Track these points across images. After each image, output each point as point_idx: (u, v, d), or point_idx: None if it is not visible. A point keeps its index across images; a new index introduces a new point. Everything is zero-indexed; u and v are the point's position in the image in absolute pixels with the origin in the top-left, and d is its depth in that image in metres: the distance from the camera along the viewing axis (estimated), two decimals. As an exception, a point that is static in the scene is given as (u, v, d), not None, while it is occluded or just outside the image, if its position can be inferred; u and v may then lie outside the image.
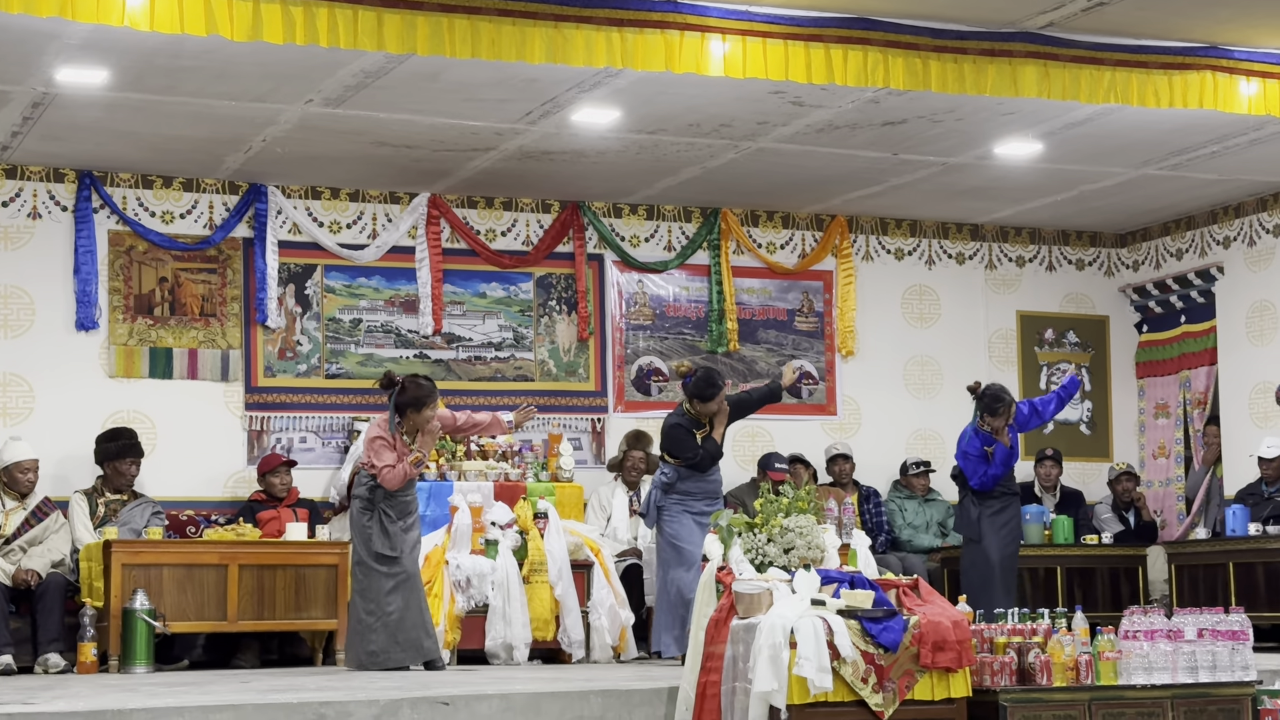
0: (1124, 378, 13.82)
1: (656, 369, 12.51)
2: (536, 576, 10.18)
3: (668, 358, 12.52)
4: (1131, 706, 7.27)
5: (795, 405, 12.84)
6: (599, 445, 12.23)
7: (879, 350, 13.06)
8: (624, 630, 10.37)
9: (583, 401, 12.28)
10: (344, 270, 11.88)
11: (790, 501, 7.62)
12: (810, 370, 9.93)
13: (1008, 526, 10.36)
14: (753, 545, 7.49)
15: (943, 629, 7.00)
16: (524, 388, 12.16)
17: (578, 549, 10.43)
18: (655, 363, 12.51)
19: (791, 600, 7.04)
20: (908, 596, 7.32)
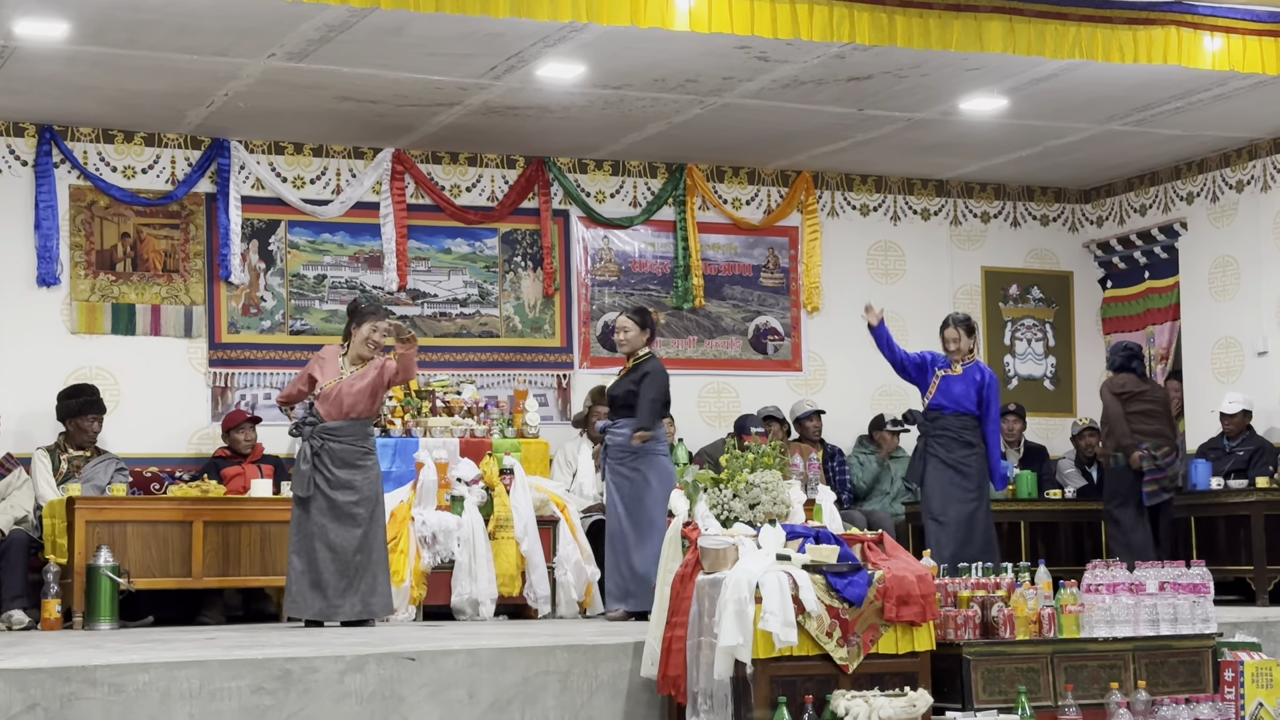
0: (1088, 334, 13.88)
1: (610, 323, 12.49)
2: (502, 532, 10.18)
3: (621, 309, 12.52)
4: (1093, 659, 7.32)
5: (761, 361, 12.86)
6: (565, 401, 12.23)
7: (844, 306, 13.07)
8: (590, 586, 10.38)
9: (548, 358, 12.27)
10: (308, 226, 11.82)
11: (756, 457, 7.64)
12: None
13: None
14: (718, 501, 7.51)
15: (907, 583, 7.03)
16: (489, 344, 12.14)
17: (543, 505, 10.43)
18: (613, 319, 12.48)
19: (757, 555, 7.06)
20: (872, 551, 7.35)
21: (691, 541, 7.31)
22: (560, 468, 11.53)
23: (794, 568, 6.96)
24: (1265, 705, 7.49)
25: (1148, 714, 7.23)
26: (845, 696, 6.73)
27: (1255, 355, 12.44)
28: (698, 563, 7.17)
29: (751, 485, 7.53)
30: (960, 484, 10.06)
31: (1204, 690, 7.44)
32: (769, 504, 7.51)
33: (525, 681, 7.04)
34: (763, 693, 6.75)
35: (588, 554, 10.45)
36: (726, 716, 6.85)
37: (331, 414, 9.18)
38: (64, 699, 6.31)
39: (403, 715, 6.82)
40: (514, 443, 10.77)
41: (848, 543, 7.32)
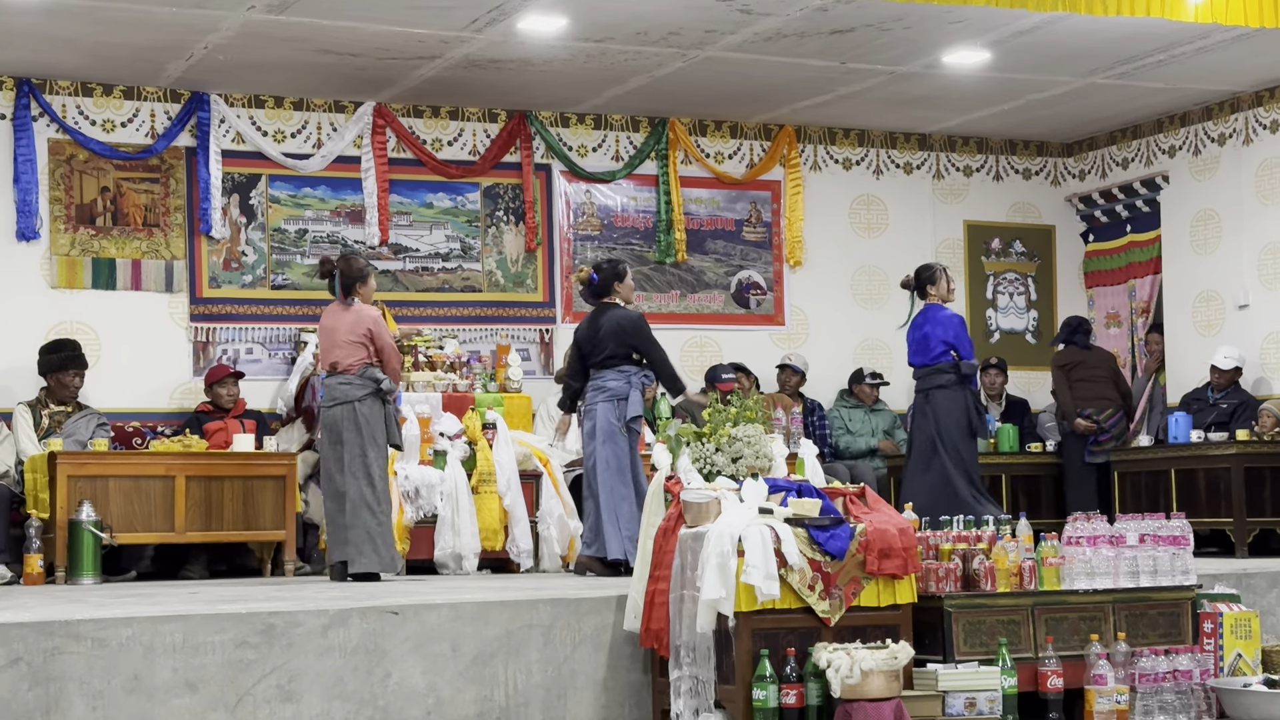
0: (1070, 287, 13.89)
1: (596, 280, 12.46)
2: (485, 487, 10.19)
3: (602, 259, 12.51)
4: (1074, 611, 7.34)
5: (743, 315, 12.85)
6: (547, 356, 12.22)
7: (826, 260, 13.06)
8: (572, 540, 10.39)
9: (531, 312, 12.25)
10: (289, 180, 11.76)
11: (738, 411, 7.64)
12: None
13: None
14: (701, 455, 7.51)
15: (889, 536, 7.04)
16: (471, 298, 12.11)
17: (526, 459, 10.44)
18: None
19: (739, 509, 7.07)
20: (854, 504, 7.35)
21: (674, 495, 7.31)
22: (543, 422, 11.52)
23: (776, 521, 6.96)
24: (1244, 656, 7.53)
25: (1127, 665, 7.26)
26: (827, 649, 6.74)
27: (1236, 309, 12.47)
28: (680, 517, 7.18)
29: (734, 439, 7.52)
30: (931, 421, 10.26)
31: (1183, 642, 7.47)
32: (752, 458, 7.50)
33: (508, 635, 7.06)
34: (745, 646, 6.76)
35: (570, 508, 10.46)
36: (709, 669, 6.86)
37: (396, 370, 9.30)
38: (47, 653, 6.31)
39: (386, 669, 6.82)
40: (496, 397, 10.77)
41: (830, 496, 7.31)
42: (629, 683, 7.23)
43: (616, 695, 7.21)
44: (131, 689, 6.40)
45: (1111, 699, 7.15)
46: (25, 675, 6.26)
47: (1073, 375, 12.04)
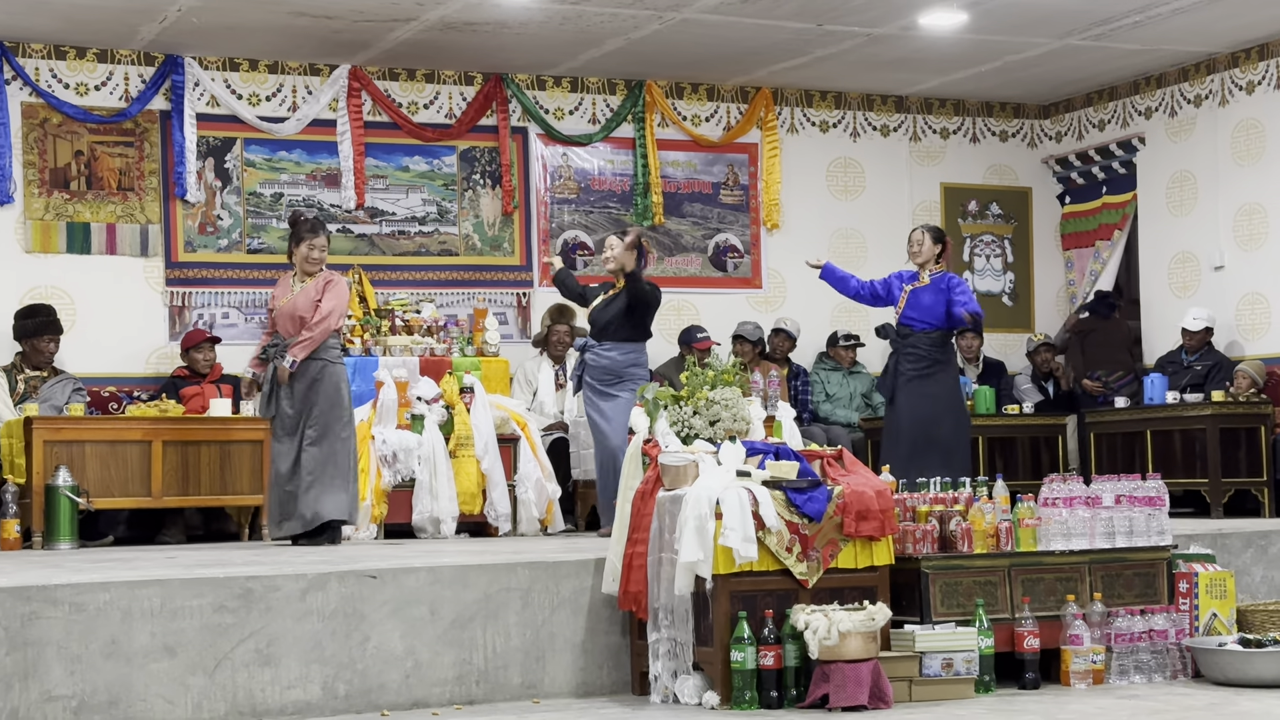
0: (1046, 249, 13.90)
1: (582, 243, 12.47)
2: (463, 451, 10.19)
3: (594, 232, 12.47)
4: (1050, 571, 7.38)
5: (720, 278, 12.86)
6: (524, 320, 12.21)
7: (804, 223, 13.06)
8: (550, 504, 10.42)
9: (508, 276, 12.23)
10: (264, 144, 11.71)
11: (716, 374, 7.65)
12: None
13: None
14: (678, 418, 7.52)
15: (866, 498, 7.06)
16: (448, 262, 12.08)
17: (504, 423, 10.44)
18: (580, 237, 12.47)
19: (717, 472, 7.08)
20: (832, 467, 7.37)
21: (652, 459, 7.31)
22: (520, 386, 11.54)
23: (754, 484, 6.98)
24: (1219, 616, 7.58)
25: (1103, 625, 7.30)
26: (805, 611, 6.77)
27: (1212, 270, 12.50)
28: (658, 479, 7.19)
29: (712, 402, 7.52)
30: (932, 402, 10.04)
31: (1159, 602, 7.52)
32: (729, 421, 7.51)
33: (486, 599, 7.07)
34: (723, 608, 6.78)
35: (548, 472, 10.48)
36: (687, 632, 6.88)
37: (289, 330, 9.14)
38: (24, 618, 6.29)
39: (364, 633, 6.83)
40: (474, 361, 10.77)
41: (807, 459, 7.33)
42: (607, 645, 7.25)
43: (595, 658, 7.23)
44: (109, 653, 6.39)
45: (1087, 659, 7.20)
46: (3, 640, 6.25)
47: (1087, 341, 12.67)
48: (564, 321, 11.66)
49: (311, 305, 9.09)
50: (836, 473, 7.32)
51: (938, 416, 9.99)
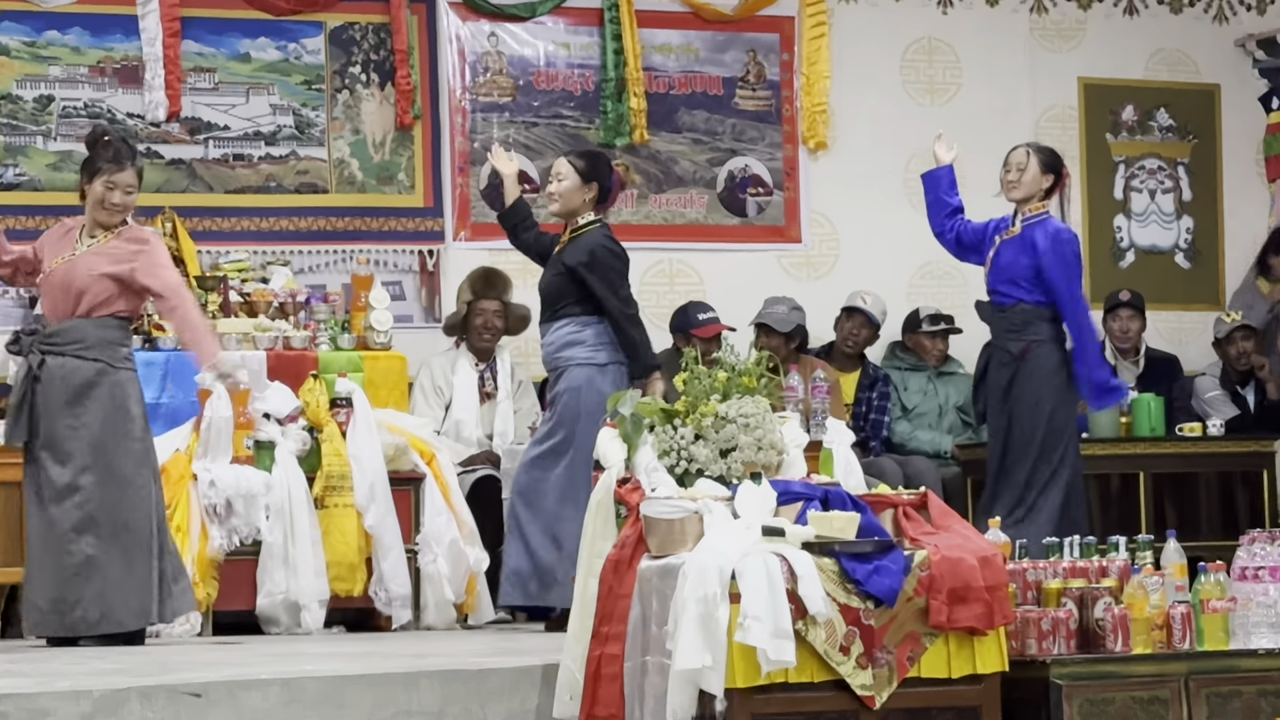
0: (1243, 180, 13.92)
1: (522, 173, 12.43)
2: (336, 497, 10.19)
3: (540, 156, 12.46)
4: (1250, 682, 7.41)
5: (737, 227, 12.89)
6: (431, 293, 12.27)
7: (866, 142, 13.12)
8: (473, 580, 10.42)
9: (405, 225, 12.28)
10: (25, 19, 11.72)
11: (729, 377, 7.68)
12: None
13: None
14: (672, 445, 7.55)
15: (965, 570, 7.09)
16: (312, 203, 12.10)
17: (400, 454, 10.44)
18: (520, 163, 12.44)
19: (732, 529, 7.10)
20: (912, 521, 7.41)
21: (630, 508, 7.35)
22: (426, 396, 11.61)
23: (790, 547, 6.99)
24: None
25: (1334, 765, 7.33)
26: (871, 745, 6.81)
27: None
28: (640, 541, 7.22)
29: (724, 420, 7.55)
30: (1021, 415, 10.24)
31: None
32: (751, 449, 7.54)
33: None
34: (743, 740, 6.80)
35: (470, 530, 10.48)
36: (687, 778, 6.91)
37: (60, 311, 9.15)
38: None
39: (183, 782, 6.83)
40: (353, 358, 10.76)
41: (873, 508, 7.37)
42: (562, 800, 7.27)
43: (543, 819, 7.27)
44: None
45: (1308, 817, 7.22)
46: None
47: None
48: (494, 295, 11.68)
49: (100, 280, 9.11)
50: (919, 530, 7.35)
51: (1027, 438, 10.23)
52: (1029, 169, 10.31)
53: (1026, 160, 10.34)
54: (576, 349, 9.84)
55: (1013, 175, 10.35)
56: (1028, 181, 10.32)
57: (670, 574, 6.98)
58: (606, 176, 10.03)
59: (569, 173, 9.90)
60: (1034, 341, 10.29)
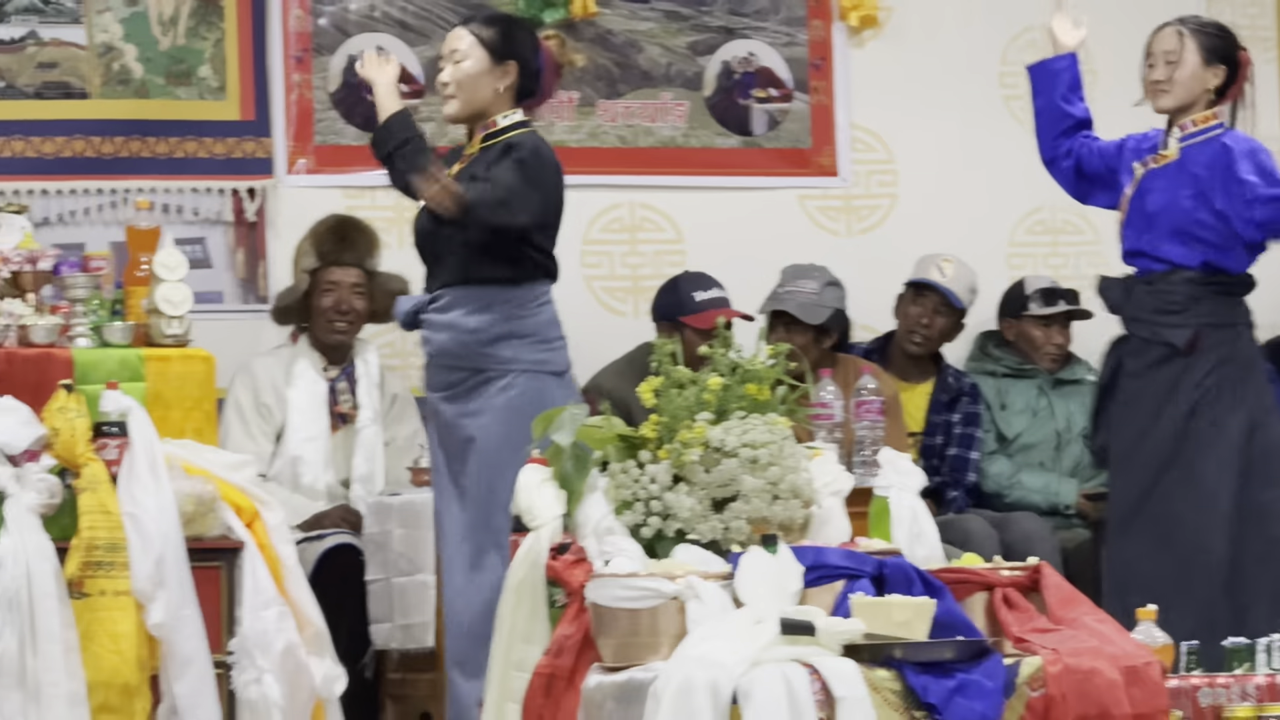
0: None
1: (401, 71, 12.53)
2: (102, 580, 10.18)
3: (422, 39, 12.55)
4: None
5: (738, 150, 12.98)
6: (253, 257, 12.40)
7: (941, 15, 13.27)
8: (319, 709, 10.44)
9: (211, 148, 12.40)
10: None
11: (728, 383, 7.82)
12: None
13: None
14: (637, 491, 7.70)
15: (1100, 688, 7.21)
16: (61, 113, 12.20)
17: (204, 512, 10.45)
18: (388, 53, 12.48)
19: (733, 624, 7.20)
20: (1017, 610, 7.54)
21: (572, 591, 7.47)
22: (246, 420, 11.75)
23: (824, 653, 7.09)
24: None
25: None
26: None
27: None
28: (586, 643, 7.33)
29: (718, 453, 7.69)
30: (1191, 450, 10.31)
31: None
32: (762, 498, 7.69)
33: None
34: None
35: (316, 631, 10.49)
36: None
37: None
38: None
39: None
40: (128, 358, 10.76)
41: (956, 590, 7.50)
42: None
43: None
44: None
45: None
46: None
47: None
48: (351, 260, 11.78)
49: None
50: (1028, 624, 7.47)
51: (1208, 483, 10.30)
52: (1185, 59, 10.31)
53: (1180, 45, 10.33)
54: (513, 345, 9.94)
55: (1159, 71, 10.37)
56: (1184, 80, 10.33)
57: (635, 695, 7.07)
58: (531, 54, 10.09)
59: (472, 48, 9.94)
60: (1208, 325, 10.32)
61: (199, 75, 12.35)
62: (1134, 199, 10.40)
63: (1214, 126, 10.35)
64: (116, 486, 10.21)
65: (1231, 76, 10.36)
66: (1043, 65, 10.67)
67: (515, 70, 9.95)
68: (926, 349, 12.64)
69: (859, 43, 13.21)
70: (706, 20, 12.99)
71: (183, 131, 12.38)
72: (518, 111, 10.02)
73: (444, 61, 10.05)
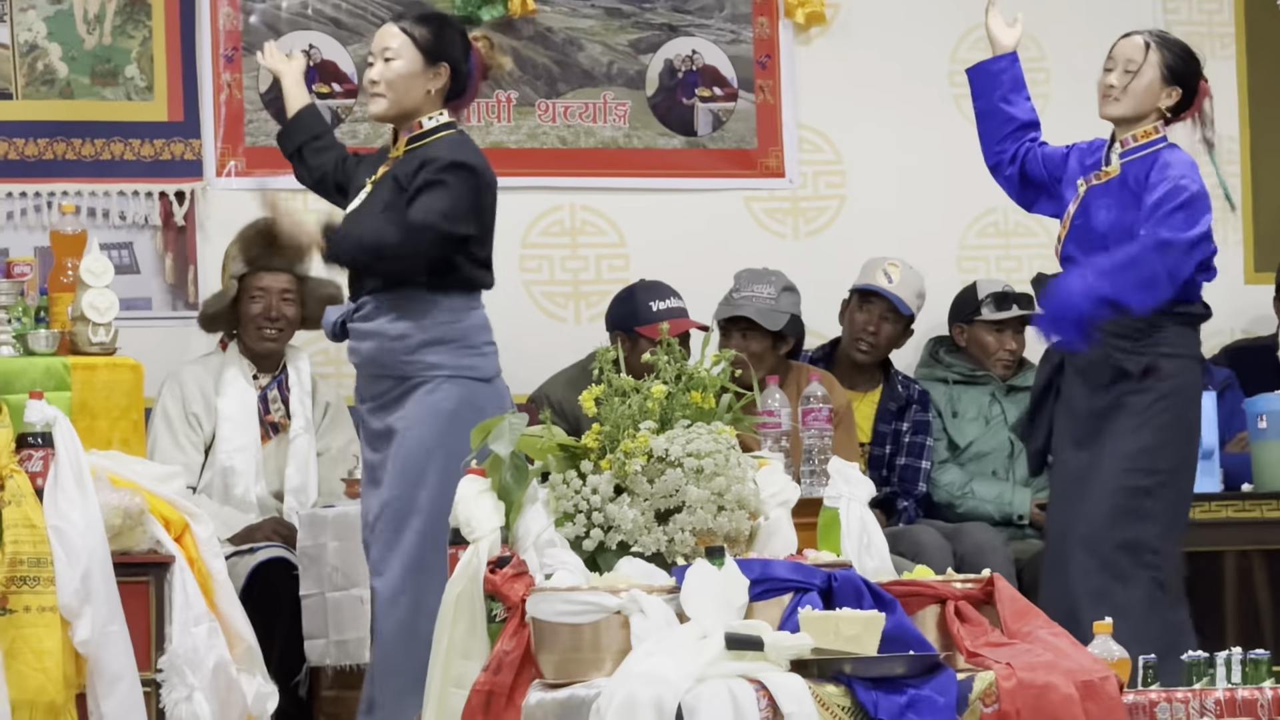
0: None
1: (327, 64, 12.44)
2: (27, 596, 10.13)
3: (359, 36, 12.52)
4: None
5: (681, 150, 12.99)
6: (181, 262, 12.36)
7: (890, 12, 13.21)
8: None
9: (139, 150, 12.36)
10: None
11: (670, 392, 7.83)
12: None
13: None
14: (578, 503, 7.69)
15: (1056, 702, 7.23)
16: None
17: (132, 525, 10.37)
18: (320, 51, 12.47)
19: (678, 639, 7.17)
20: (970, 623, 7.53)
21: (511, 606, 7.43)
22: (174, 431, 11.72)
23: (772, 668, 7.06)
24: None
25: None
26: None
27: None
28: (527, 659, 7.31)
29: (663, 462, 7.69)
30: (1124, 465, 10.29)
31: None
32: (707, 509, 7.67)
33: None
34: None
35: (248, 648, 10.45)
36: None
37: None
38: None
39: None
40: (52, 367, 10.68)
41: (907, 603, 7.48)
42: None
43: None
44: None
45: None
46: None
47: None
48: (282, 265, 11.69)
49: None
50: (981, 638, 7.47)
51: (1136, 501, 10.30)
52: (1144, 72, 10.27)
53: (1143, 57, 10.28)
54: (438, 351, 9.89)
55: (1115, 77, 10.32)
56: (1137, 91, 10.27)
57: (577, 713, 7.05)
58: (464, 56, 10.06)
59: (404, 47, 9.90)
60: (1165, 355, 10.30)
61: (126, 75, 12.32)
62: (1077, 215, 10.38)
63: (1155, 141, 10.30)
64: (41, 500, 10.19)
65: (1186, 101, 10.31)
66: (981, 67, 10.68)
67: (447, 72, 9.93)
68: (874, 356, 12.61)
69: (806, 40, 13.20)
70: (649, 17, 12.98)
71: (109, 133, 12.39)
72: (443, 113, 10.01)
73: (373, 58, 9.99)
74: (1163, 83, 10.25)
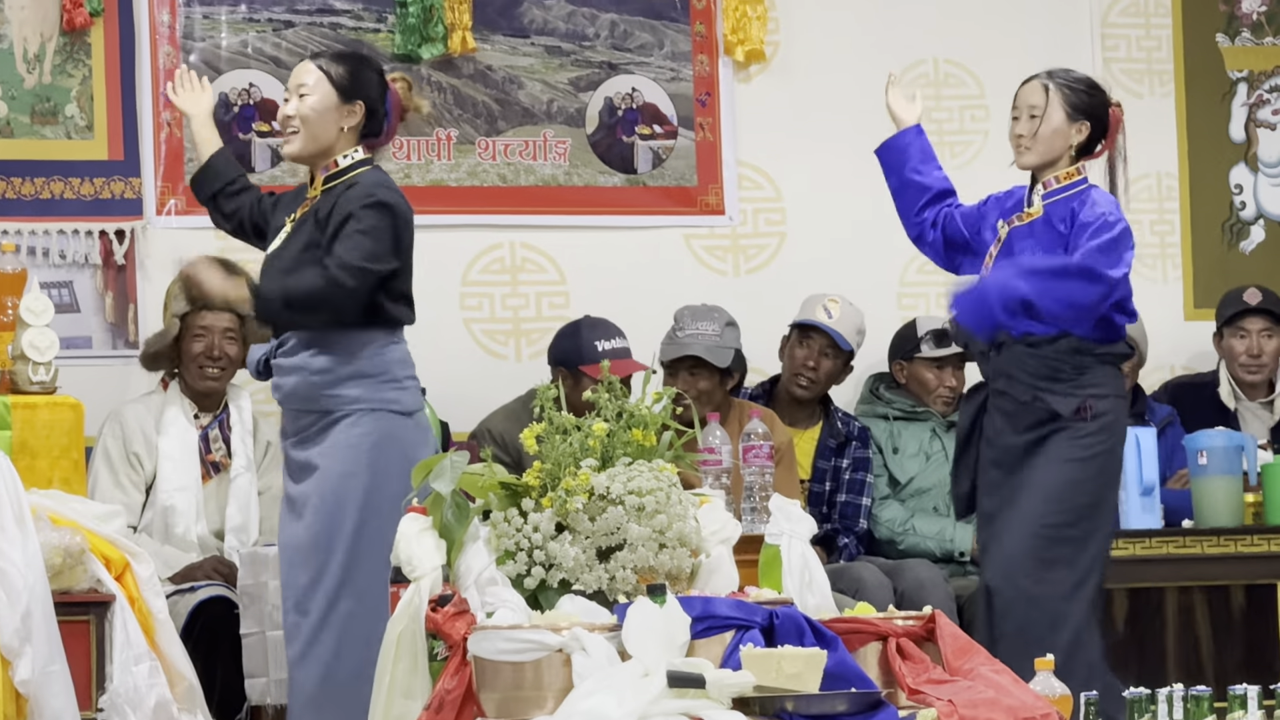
0: None
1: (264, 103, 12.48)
2: (-35, 635, 10.17)
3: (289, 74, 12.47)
4: None
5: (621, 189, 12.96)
6: (122, 301, 12.37)
7: (829, 50, 13.31)
8: (197, 765, 10.41)
9: (79, 189, 12.36)
10: None
11: (611, 430, 7.85)
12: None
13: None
14: (520, 541, 7.71)
15: (995, 739, 7.19)
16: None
17: (72, 564, 10.39)
18: (260, 89, 12.51)
19: (620, 677, 7.18)
20: (911, 660, 7.54)
21: (453, 644, 7.44)
22: (115, 470, 11.69)
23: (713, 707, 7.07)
24: None
25: None
26: None
27: None
28: (469, 698, 7.31)
29: (604, 500, 7.71)
30: (1047, 504, 10.29)
31: None
32: (649, 547, 7.69)
33: None
34: None
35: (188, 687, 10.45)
36: None
37: None
38: None
39: None
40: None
41: (848, 641, 7.49)
42: None
43: None
44: None
45: None
46: None
47: None
48: (222, 303, 11.62)
49: None
50: (922, 675, 7.47)
51: (1069, 545, 10.30)
52: (1049, 115, 10.26)
53: (1044, 100, 10.29)
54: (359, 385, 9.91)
55: (1022, 125, 10.32)
56: (1046, 135, 10.26)
57: None
58: (379, 95, 10.07)
59: (319, 84, 9.91)
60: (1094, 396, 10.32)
61: (66, 114, 12.30)
62: (1000, 255, 10.35)
63: (1078, 183, 10.31)
64: (-16, 540, 10.16)
65: (1099, 133, 10.35)
66: (888, 144, 10.69)
67: (362, 110, 9.93)
68: (813, 392, 12.60)
69: (746, 78, 13.21)
70: (589, 56, 12.98)
71: (49, 172, 12.35)
72: (359, 149, 10.00)
73: (288, 94, 10.01)
74: (1069, 120, 10.27)
